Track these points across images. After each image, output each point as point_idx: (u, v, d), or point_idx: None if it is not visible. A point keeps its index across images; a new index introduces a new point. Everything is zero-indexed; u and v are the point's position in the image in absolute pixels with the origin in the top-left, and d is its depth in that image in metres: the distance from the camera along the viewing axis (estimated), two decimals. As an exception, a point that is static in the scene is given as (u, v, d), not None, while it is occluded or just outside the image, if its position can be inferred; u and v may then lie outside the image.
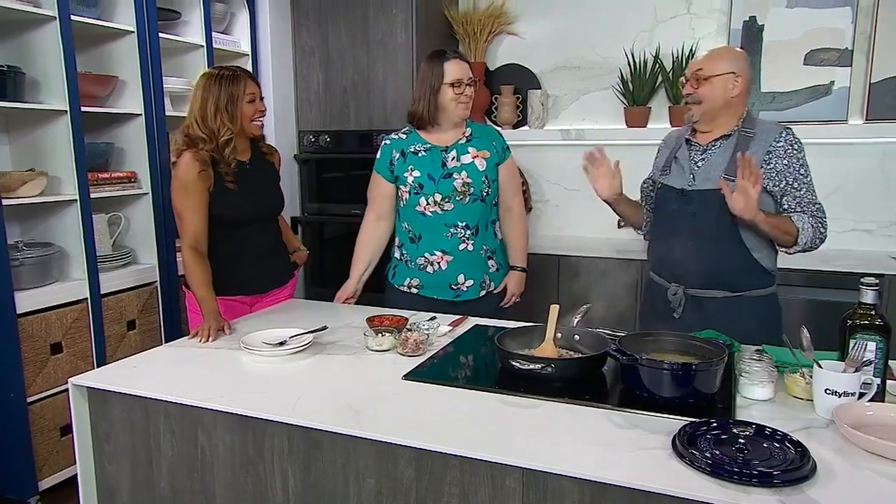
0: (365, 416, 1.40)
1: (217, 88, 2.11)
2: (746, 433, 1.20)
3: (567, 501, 1.20)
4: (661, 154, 2.21)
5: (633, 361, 1.40)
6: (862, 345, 1.33)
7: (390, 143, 2.35)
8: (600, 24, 3.57)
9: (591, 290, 3.20)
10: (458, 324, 2.06)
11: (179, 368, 1.73)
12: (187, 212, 2.10)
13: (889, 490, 1.09)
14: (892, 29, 3.06)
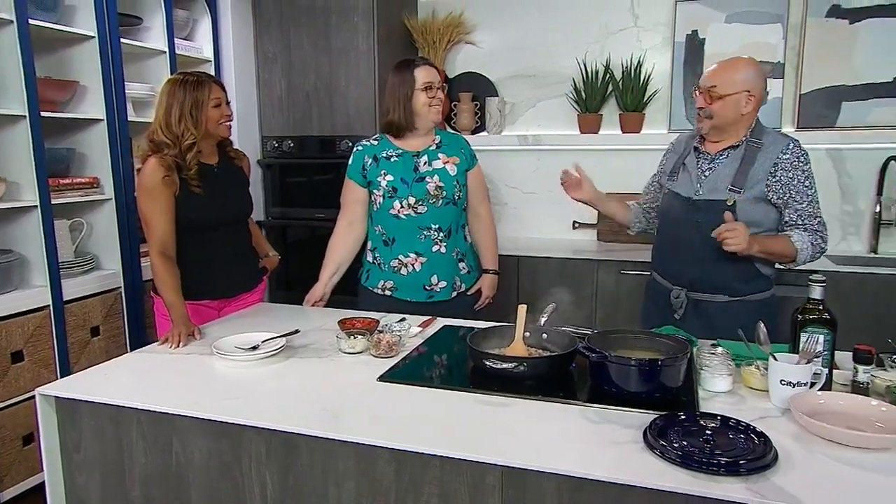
0: (343, 418, 1.38)
1: (182, 93, 2.05)
2: (713, 425, 1.22)
3: (546, 497, 1.19)
4: (669, 158, 2.19)
5: (603, 359, 1.41)
6: (814, 338, 1.37)
7: (362, 148, 2.32)
8: (554, 35, 3.61)
9: (551, 290, 3.22)
10: (427, 325, 2.05)
11: (151, 375, 1.66)
12: (154, 217, 2.03)
13: (845, 474, 1.13)
14: (817, 45, 3.18)
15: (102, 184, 2.68)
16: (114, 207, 2.70)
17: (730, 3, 3.28)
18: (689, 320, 2.03)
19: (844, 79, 3.16)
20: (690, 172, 2.03)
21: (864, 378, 1.40)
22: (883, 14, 3.09)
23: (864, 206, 3.25)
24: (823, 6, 3.16)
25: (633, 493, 1.13)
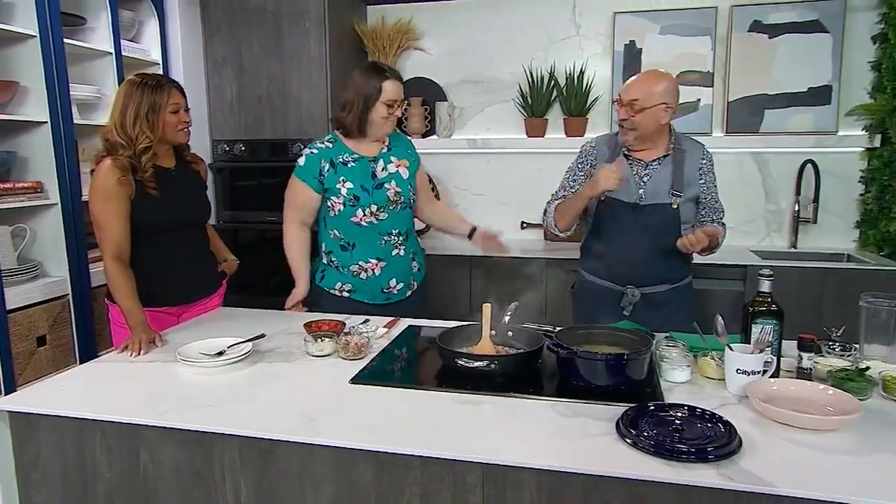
0: (320, 422, 1.34)
1: (139, 95, 1.95)
2: (681, 415, 1.25)
3: (526, 492, 1.19)
4: (588, 162, 2.22)
5: (572, 354, 1.42)
6: (767, 329, 1.43)
7: (317, 152, 2.20)
8: (500, 42, 3.63)
9: (503, 288, 3.25)
10: (392, 325, 2.02)
11: (113, 385, 1.57)
12: (108, 220, 1.92)
13: (802, 454, 1.17)
14: (742, 56, 3.33)
15: (47, 188, 2.50)
16: (59, 212, 2.53)
17: (663, 16, 3.39)
18: (638, 314, 2.09)
19: (766, 88, 3.32)
20: (627, 179, 2.07)
21: (808, 364, 1.46)
22: (797, 30, 3.26)
23: (786, 206, 3.42)
24: (746, 21, 3.31)
25: (611, 483, 1.14)
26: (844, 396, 1.31)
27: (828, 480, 1.09)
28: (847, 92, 3.25)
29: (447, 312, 3.27)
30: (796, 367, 1.48)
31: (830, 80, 3.24)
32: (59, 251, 2.55)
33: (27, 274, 2.46)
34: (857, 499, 1.04)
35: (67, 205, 2.54)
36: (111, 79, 2.79)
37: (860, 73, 3.25)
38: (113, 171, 1.90)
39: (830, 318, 2.65)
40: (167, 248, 2.07)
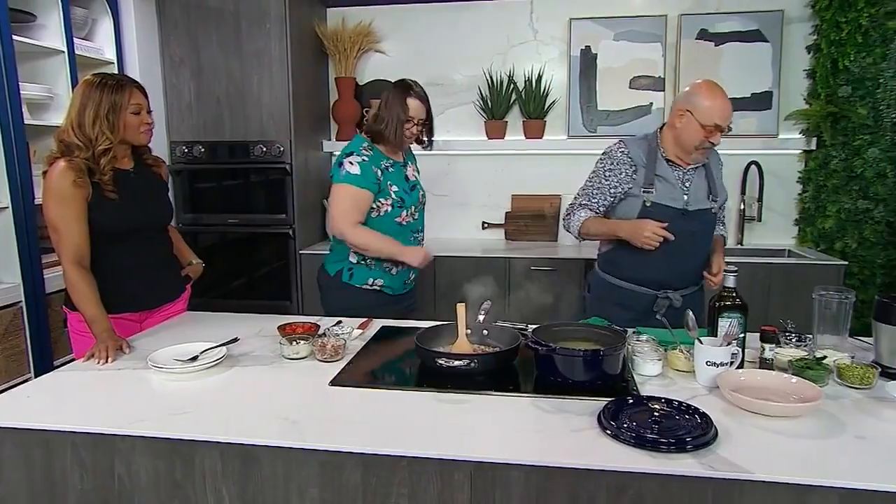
0: (304, 426, 1.31)
1: (98, 95, 1.85)
2: (658, 407, 1.27)
3: (514, 488, 1.19)
4: (622, 169, 2.05)
5: (551, 351, 1.43)
6: (735, 322, 1.47)
7: (367, 159, 2.21)
8: (460, 46, 3.64)
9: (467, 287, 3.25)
10: (365, 326, 2.00)
11: (82, 395, 1.49)
12: (65, 224, 1.82)
13: (773, 441, 1.21)
14: (690, 62, 3.43)
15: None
16: (10, 217, 2.39)
17: (617, 23, 3.46)
18: (668, 316, 1.95)
19: (714, 92, 3.43)
20: (673, 184, 2.02)
21: (770, 355, 1.52)
22: (740, 39, 3.39)
23: (732, 205, 3.54)
24: (694, 29, 3.42)
25: (596, 476, 1.15)
26: (806, 384, 1.37)
27: (799, 465, 1.13)
28: (786, 97, 3.40)
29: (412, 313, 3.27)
30: (759, 357, 1.54)
31: (771, 86, 3.38)
32: (11, 256, 2.42)
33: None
34: (830, 481, 1.09)
35: (19, 208, 2.41)
36: (63, 78, 2.66)
37: (797, 81, 3.40)
38: (67, 172, 1.80)
39: (777, 310, 2.79)
40: (127, 253, 1.98)
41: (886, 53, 3.02)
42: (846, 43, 3.13)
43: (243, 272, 3.52)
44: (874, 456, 1.17)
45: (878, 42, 3.05)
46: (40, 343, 2.52)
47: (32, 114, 2.60)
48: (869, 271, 3.16)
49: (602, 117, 3.51)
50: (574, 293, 3.18)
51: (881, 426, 1.28)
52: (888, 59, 3.02)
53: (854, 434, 1.24)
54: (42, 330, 2.53)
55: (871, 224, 3.12)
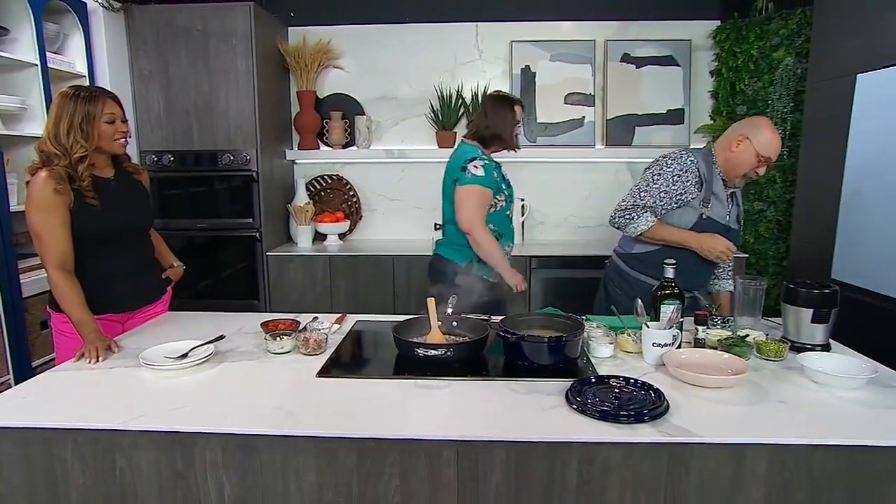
0: (299, 415, 1.29)
1: (72, 106, 1.75)
2: (616, 384, 1.32)
3: (496, 462, 1.21)
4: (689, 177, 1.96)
5: (520, 339, 1.46)
6: (676, 308, 1.54)
7: (489, 161, 2.27)
8: (412, 63, 3.64)
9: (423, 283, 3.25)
10: (341, 321, 1.97)
11: (78, 393, 1.42)
12: (49, 231, 1.72)
13: (714, 409, 1.29)
14: (616, 83, 3.56)
15: (-27, 200, 2.19)
16: (-13, 224, 2.22)
17: (552, 46, 3.54)
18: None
19: (636, 109, 3.57)
20: (723, 202, 1.99)
21: (703, 335, 1.59)
22: (657, 63, 3.54)
23: (651, 205, 3.70)
24: (618, 53, 3.54)
25: (569, 448, 1.19)
26: (735, 359, 1.46)
27: (736, 427, 1.21)
28: (695, 114, 3.57)
29: (374, 306, 3.26)
30: (693, 338, 1.61)
31: (683, 104, 3.54)
32: (-12, 263, 2.24)
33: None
34: (761, 439, 1.17)
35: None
36: (36, 90, 2.49)
37: (703, 100, 3.59)
38: (49, 181, 1.71)
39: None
40: (110, 257, 1.88)
41: (773, 79, 3.22)
42: (741, 69, 3.33)
43: (213, 274, 3.40)
44: (793, 416, 1.26)
45: (766, 70, 3.25)
46: (18, 345, 2.35)
47: (6, 124, 2.42)
48: (763, 262, 3.36)
49: (541, 129, 3.59)
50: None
51: (796, 391, 1.38)
52: (774, 84, 3.21)
53: (776, 399, 1.33)
54: (20, 333, 2.36)
55: (764, 222, 3.32)
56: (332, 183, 3.77)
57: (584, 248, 3.38)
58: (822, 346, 1.60)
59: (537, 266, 3.26)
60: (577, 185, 3.68)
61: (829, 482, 1.19)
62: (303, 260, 3.33)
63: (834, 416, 1.26)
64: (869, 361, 1.53)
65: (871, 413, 1.28)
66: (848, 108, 2.63)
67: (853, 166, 2.62)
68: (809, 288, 1.60)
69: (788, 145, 3.15)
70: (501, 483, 1.21)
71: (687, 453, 1.18)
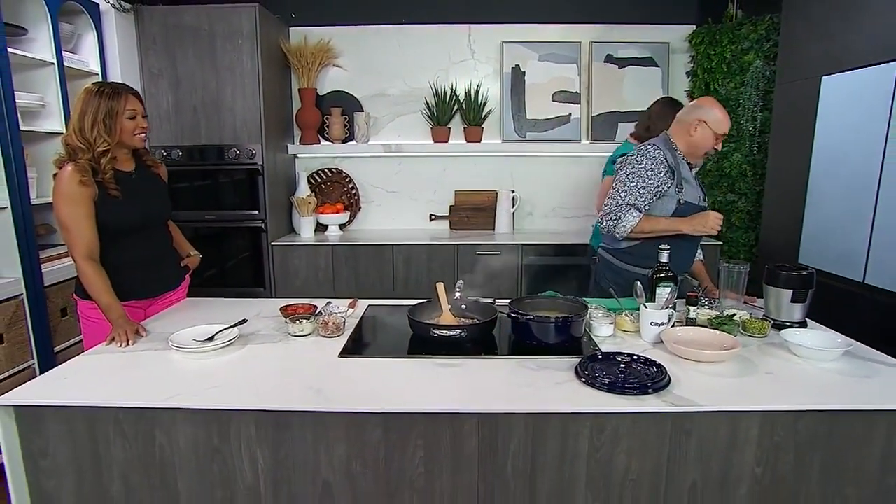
0: (328, 393, 1.29)
1: (97, 102, 1.73)
2: (622, 360, 1.35)
3: (514, 434, 1.23)
4: (661, 170, 1.93)
5: (530, 319, 1.48)
6: (672, 290, 1.57)
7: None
8: (408, 62, 3.62)
9: (420, 270, 3.27)
10: (354, 305, 1.97)
11: (116, 375, 1.41)
12: (76, 223, 1.70)
13: (710, 380, 1.33)
14: (600, 82, 3.58)
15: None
16: (10, 216, 2.17)
17: (541, 47, 3.55)
18: None
19: (618, 106, 3.60)
20: (692, 182, 1.99)
21: (693, 315, 1.64)
22: (638, 64, 3.57)
23: (631, 196, 3.74)
24: (602, 54, 3.56)
25: (581, 418, 1.23)
26: (725, 336, 1.50)
27: (733, 396, 1.25)
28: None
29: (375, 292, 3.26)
30: (685, 317, 1.65)
31: (662, 101, 3.58)
32: (11, 253, 2.20)
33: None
34: (753, 407, 1.22)
35: (17, 208, 2.19)
36: (53, 88, 2.43)
37: (680, 98, 3.60)
38: (74, 174, 1.69)
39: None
40: (132, 247, 1.87)
41: (744, 80, 3.27)
42: (715, 71, 3.37)
43: (220, 263, 3.36)
44: (781, 385, 1.31)
45: (738, 71, 3.30)
46: (41, 331, 2.31)
47: (25, 121, 2.36)
48: (735, 249, 3.43)
49: (530, 125, 3.60)
50: (513, 272, 3.27)
51: (781, 363, 1.43)
52: (745, 85, 3.27)
53: (764, 371, 1.38)
54: (42, 319, 2.32)
55: (736, 212, 3.39)
56: (332, 176, 3.74)
57: (570, 236, 3.42)
58: (800, 324, 1.65)
59: (527, 253, 3.28)
60: (564, 177, 3.71)
61: (812, 443, 1.24)
62: (306, 249, 3.31)
63: (816, 385, 1.31)
64: (841, 336, 1.59)
65: (847, 381, 1.33)
66: (814, 107, 2.69)
67: (818, 161, 2.69)
68: (789, 271, 1.65)
69: (758, 141, 3.22)
70: (519, 452, 1.24)
71: (688, 421, 1.21)
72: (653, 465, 1.23)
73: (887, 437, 1.24)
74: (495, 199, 3.63)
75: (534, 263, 3.30)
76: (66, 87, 2.45)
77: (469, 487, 1.25)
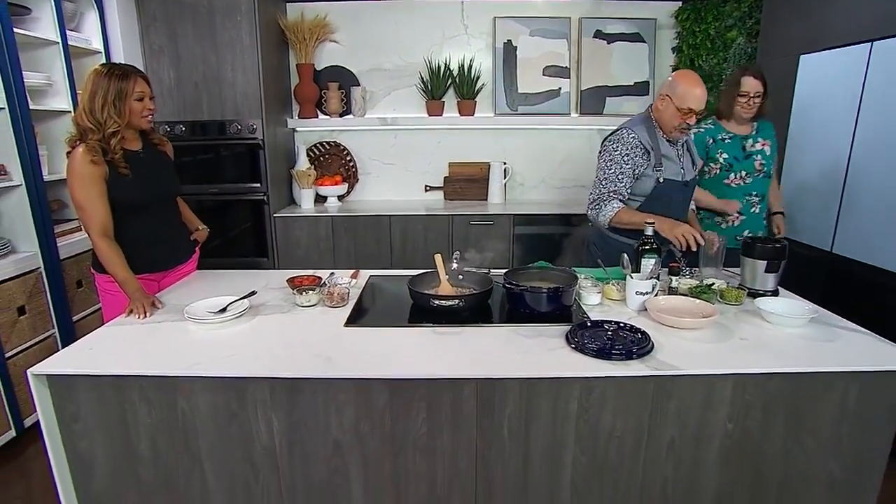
0: (336, 360, 1.32)
1: (106, 83, 1.71)
2: (608, 328, 1.39)
3: (510, 397, 1.27)
4: (636, 153, 1.90)
5: (524, 290, 1.51)
6: (656, 262, 1.60)
7: (703, 131, 2.28)
8: (403, 37, 3.54)
9: (418, 239, 3.28)
10: (356, 276, 1.98)
11: (137, 345, 1.44)
12: (90, 202, 1.70)
13: (690, 346, 1.37)
14: (589, 57, 3.53)
15: (10, 171, 2.10)
16: (24, 193, 2.15)
17: (532, 22, 3.47)
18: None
19: (606, 81, 3.56)
20: (673, 159, 1.94)
21: (675, 284, 1.68)
22: (626, 39, 3.52)
23: (617, 168, 3.74)
24: (591, 30, 3.50)
25: (571, 382, 1.27)
26: (704, 304, 1.54)
27: (712, 360, 1.30)
28: (658, 86, 3.57)
29: (373, 261, 3.28)
30: (668, 287, 1.69)
31: (648, 77, 3.55)
32: (28, 228, 2.19)
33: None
34: (728, 370, 1.27)
35: (31, 185, 2.17)
36: (59, 66, 2.37)
37: (666, 73, 3.58)
38: (85, 155, 1.69)
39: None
40: (144, 223, 1.88)
41: (727, 56, 3.24)
42: (699, 47, 3.33)
43: (224, 235, 3.36)
44: (752, 350, 1.36)
45: (721, 47, 3.26)
46: (60, 302, 2.32)
47: (34, 100, 2.32)
48: (713, 217, 3.46)
49: (522, 99, 3.56)
50: (505, 241, 3.30)
51: (754, 330, 1.48)
52: (728, 61, 3.24)
53: (739, 337, 1.43)
54: (60, 291, 2.33)
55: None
56: (330, 149, 3.70)
57: (559, 206, 3.43)
58: (773, 292, 1.70)
59: (518, 223, 3.30)
60: (554, 149, 3.70)
61: (777, 401, 1.30)
62: (307, 220, 3.30)
63: (784, 349, 1.37)
64: (809, 304, 1.64)
65: (811, 346, 1.39)
66: (792, 84, 2.68)
67: (794, 136, 2.70)
68: (763, 243, 1.69)
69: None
70: (514, 414, 1.29)
71: (669, 384, 1.27)
72: (636, 424, 1.29)
73: (842, 395, 1.30)
74: (488, 171, 3.62)
75: (524, 233, 3.32)
76: (71, 65, 2.39)
77: (468, 445, 1.31)
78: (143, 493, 1.37)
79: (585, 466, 1.32)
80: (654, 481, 1.33)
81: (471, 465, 1.32)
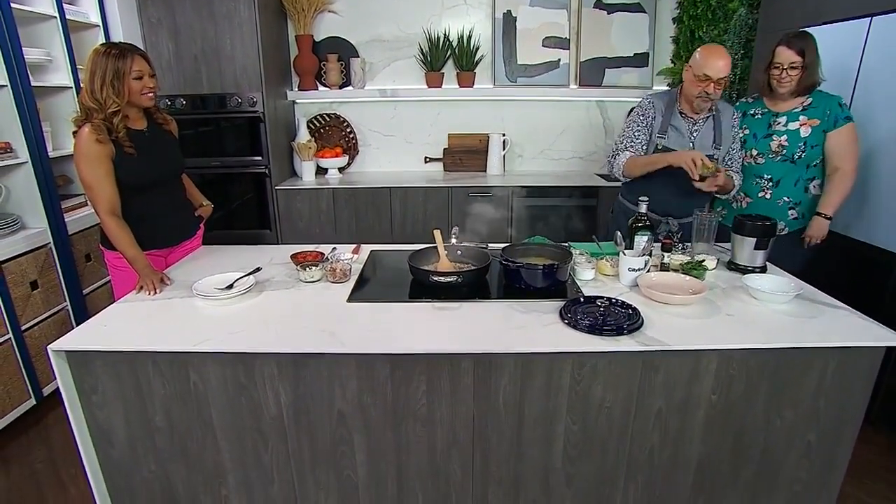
0: (340, 335, 1.34)
1: (104, 63, 1.68)
2: (601, 303, 1.41)
3: (505, 370, 1.31)
4: (649, 116, 2.00)
5: (519, 266, 1.53)
6: (649, 239, 1.61)
7: (739, 104, 2.19)
8: (403, 8, 3.45)
9: (417, 211, 3.27)
10: (357, 251, 1.99)
11: (148, 321, 1.47)
12: (97, 181, 1.70)
13: (679, 322, 1.39)
14: (589, 27, 3.44)
15: (16, 148, 2.08)
16: (31, 169, 2.14)
17: (532, -9, 3.37)
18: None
19: (606, 52, 3.48)
20: (682, 132, 1.97)
21: (667, 260, 1.69)
22: (626, 10, 3.42)
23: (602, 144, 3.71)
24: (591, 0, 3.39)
25: (564, 357, 1.30)
26: (695, 281, 1.56)
27: (699, 336, 1.33)
28: (658, 57, 3.51)
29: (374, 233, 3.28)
30: (660, 262, 1.70)
31: (647, 48, 3.47)
32: (36, 205, 2.19)
33: (8, 228, 2.11)
34: (714, 346, 1.30)
35: (37, 162, 2.17)
36: (58, 41, 2.33)
37: (666, 44, 3.51)
38: (91, 135, 1.68)
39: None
40: (151, 200, 1.88)
41: (727, 28, 3.16)
42: (700, 17, 3.25)
43: (227, 208, 3.35)
44: (738, 326, 1.39)
45: (722, 18, 3.18)
46: (70, 277, 2.35)
47: (35, 76, 2.28)
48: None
49: (521, 70, 3.49)
50: (503, 212, 3.29)
51: (741, 306, 1.50)
52: (729, 32, 3.16)
53: (726, 313, 1.45)
54: (69, 266, 2.35)
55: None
56: (330, 121, 3.66)
57: (558, 178, 3.42)
58: (761, 269, 1.72)
59: (518, 195, 3.29)
60: (553, 121, 3.65)
61: (760, 374, 1.34)
62: (308, 193, 3.30)
63: (768, 325, 1.39)
64: (795, 280, 1.66)
65: (794, 322, 1.41)
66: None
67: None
68: (754, 221, 1.69)
69: (738, 88, 3.15)
70: (509, 386, 1.33)
71: (657, 358, 1.30)
72: (625, 395, 1.33)
73: (821, 369, 1.34)
74: (487, 142, 3.59)
75: (524, 205, 3.32)
76: (70, 39, 2.33)
77: (465, 416, 1.35)
78: (160, 459, 1.43)
79: (577, 436, 1.37)
80: (641, 449, 1.39)
81: (468, 434, 1.37)
